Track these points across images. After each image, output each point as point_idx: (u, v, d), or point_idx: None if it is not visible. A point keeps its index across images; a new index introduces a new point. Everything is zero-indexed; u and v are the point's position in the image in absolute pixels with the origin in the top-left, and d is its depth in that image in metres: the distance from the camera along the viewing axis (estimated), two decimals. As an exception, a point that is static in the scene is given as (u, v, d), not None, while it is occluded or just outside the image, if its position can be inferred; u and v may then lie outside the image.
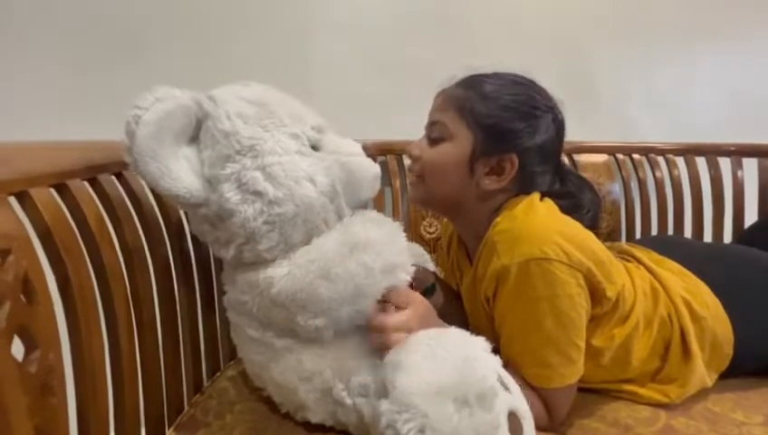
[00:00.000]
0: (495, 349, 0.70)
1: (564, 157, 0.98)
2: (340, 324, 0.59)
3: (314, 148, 0.63)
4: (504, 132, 0.67)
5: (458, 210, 0.73)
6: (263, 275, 0.59)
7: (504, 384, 0.50)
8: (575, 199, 0.72)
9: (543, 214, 0.66)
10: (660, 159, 1.30)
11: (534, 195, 0.69)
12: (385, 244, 0.61)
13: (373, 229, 0.62)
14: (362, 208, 0.69)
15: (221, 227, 0.60)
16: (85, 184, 0.57)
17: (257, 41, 1.21)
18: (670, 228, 1.28)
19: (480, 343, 0.54)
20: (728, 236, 1.28)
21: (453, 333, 0.55)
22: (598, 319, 0.65)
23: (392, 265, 0.60)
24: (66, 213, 0.53)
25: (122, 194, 0.63)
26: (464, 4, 1.28)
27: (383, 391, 0.49)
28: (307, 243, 0.61)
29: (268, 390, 0.67)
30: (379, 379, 0.52)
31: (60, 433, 0.46)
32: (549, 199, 0.69)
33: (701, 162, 1.30)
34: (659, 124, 1.39)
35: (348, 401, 0.59)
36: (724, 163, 1.30)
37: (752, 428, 0.65)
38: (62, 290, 0.50)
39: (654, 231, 1.28)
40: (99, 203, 0.59)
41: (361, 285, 0.58)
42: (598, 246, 0.64)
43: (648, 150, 1.30)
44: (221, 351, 0.83)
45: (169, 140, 0.56)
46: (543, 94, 0.70)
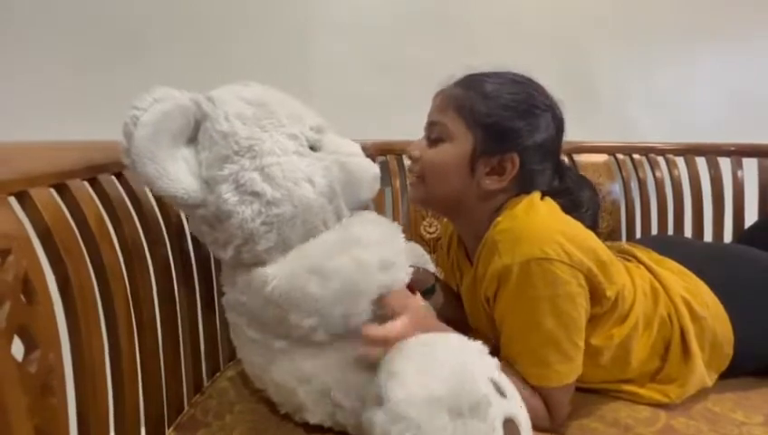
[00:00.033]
0: (495, 349, 0.70)
1: (564, 157, 0.98)
2: (334, 326, 0.59)
3: (313, 148, 0.63)
4: (505, 132, 0.67)
5: (459, 210, 0.73)
6: (257, 274, 0.59)
7: (501, 390, 0.49)
8: (574, 198, 0.72)
9: (544, 213, 0.66)
10: (660, 159, 1.30)
11: (535, 194, 0.68)
12: (382, 242, 0.61)
13: (371, 228, 0.62)
14: (362, 210, 0.69)
15: (219, 228, 0.60)
16: (85, 184, 0.57)
17: (257, 41, 1.21)
18: (670, 228, 1.28)
19: (476, 348, 0.53)
20: (728, 236, 1.28)
21: (448, 338, 0.55)
22: (597, 318, 0.65)
23: (389, 262, 0.60)
24: (66, 213, 0.53)
25: (122, 194, 0.63)
26: (464, 4, 1.28)
27: (377, 400, 0.49)
28: (305, 243, 0.61)
29: (268, 391, 0.67)
30: (373, 387, 0.52)
31: (60, 433, 0.46)
32: (549, 199, 0.69)
33: (701, 162, 1.30)
34: (659, 124, 1.39)
35: (346, 403, 0.59)
36: (725, 163, 1.30)
37: (752, 428, 0.65)
38: (62, 290, 0.50)
39: (654, 231, 1.28)
40: (99, 203, 0.59)
41: (355, 280, 0.57)
42: (599, 245, 0.64)
43: (648, 150, 1.30)
44: (221, 351, 0.83)
45: (167, 141, 0.55)
46: (542, 92, 0.70)
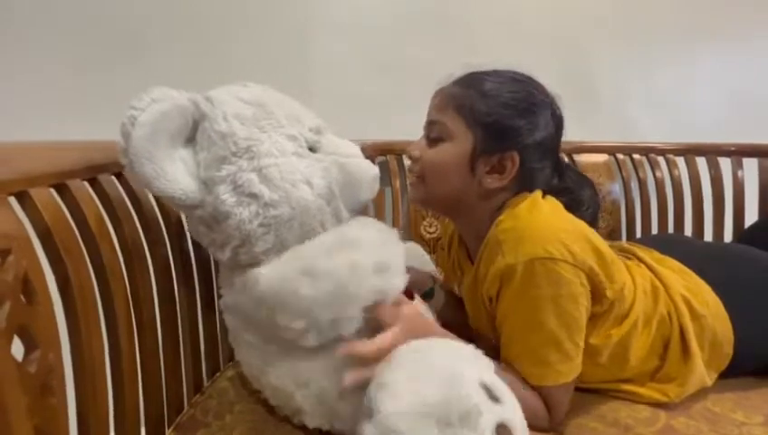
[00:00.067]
0: (495, 349, 0.70)
1: (564, 157, 0.98)
2: (324, 330, 0.57)
3: (312, 149, 0.62)
4: (505, 130, 0.67)
5: (460, 210, 0.73)
6: (251, 274, 0.59)
7: (494, 396, 0.48)
8: (575, 196, 0.72)
9: (547, 212, 0.66)
10: (660, 159, 1.30)
11: (537, 193, 0.68)
12: (379, 245, 0.60)
13: (368, 231, 0.61)
14: (362, 211, 0.68)
15: (217, 229, 0.59)
16: (85, 184, 0.57)
17: (257, 41, 1.21)
18: (670, 228, 1.28)
19: (469, 352, 0.53)
20: (728, 236, 1.28)
21: (440, 343, 0.55)
22: (596, 318, 0.65)
23: (385, 266, 0.59)
24: (66, 213, 0.53)
25: (122, 194, 0.63)
26: (464, 4, 1.28)
27: (368, 412, 0.49)
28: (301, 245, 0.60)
29: (265, 393, 0.66)
30: (365, 398, 0.52)
31: (60, 433, 0.46)
32: (551, 197, 0.69)
33: (701, 162, 1.30)
34: (659, 124, 1.38)
35: (344, 407, 0.58)
36: (725, 163, 1.29)
37: (752, 428, 0.65)
38: (62, 290, 0.50)
39: (654, 231, 1.28)
40: (99, 203, 0.58)
41: (346, 283, 0.56)
42: (601, 244, 0.64)
43: (649, 150, 1.30)
44: (221, 351, 0.83)
45: (165, 141, 0.55)
46: (542, 90, 0.70)
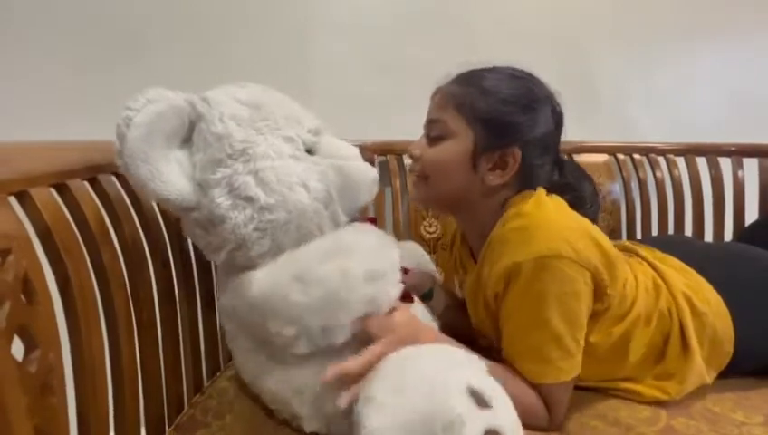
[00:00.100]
0: (496, 349, 0.70)
1: (564, 156, 0.97)
2: (315, 338, 0.56)
3: (310, 151, 0.62)
4: (506, 126, 0.67)
5: (462, 208, 0.73)
6: (244, 277, 0.58)
7: (484, 401, 0.48)
8: (578, 193, 0.72)
9: (553, 210, 0.66)
10: (661, 159, 1.30)
11: (540, 191, 0.68)
12: (373, 253, 0.60)
13: (363, 238, 0.61)
14: (362, 212, 0.68)
15: (212, 232, 0.59)
16: (85, 184, 0.57)
17: (257, 41, 1.21)
18: (671, 228, 1.28)
19: (458, 357, 0.53)
20: (729, 236, 1.28)
21: (429, 352, 0.54)
22: (597, 315, 0.65)
23: (377, 274, 0.58)
24: (66, 213, 0.53)
25: (122, 194, 0.63)
26: (464, 4, 1.28)
27: (356, 427, 0.49)
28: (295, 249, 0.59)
29: (263, 397, 0.66)
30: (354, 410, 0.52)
31: (60, 433, 0.46)
32: (556, 196, 0.69)
33: (701, 162, 1.30)
34: (659, 124, 1.38)
35: (340, 413, 0.57)
36: (725, 163, 1.29)
37: (752, 428, 0.65)
38: (62, 290, 0.50)
39: (654, 231, 1.28)
40: (99, 203, 0.59)
41: (337, 290, 0.55)
42: (606, 242, 0.65)
43: (649, 150, 1.30)
44: (221, 351, 0.83)
45: (161, 142, 0.54)
46: (541, 86, 0.70)
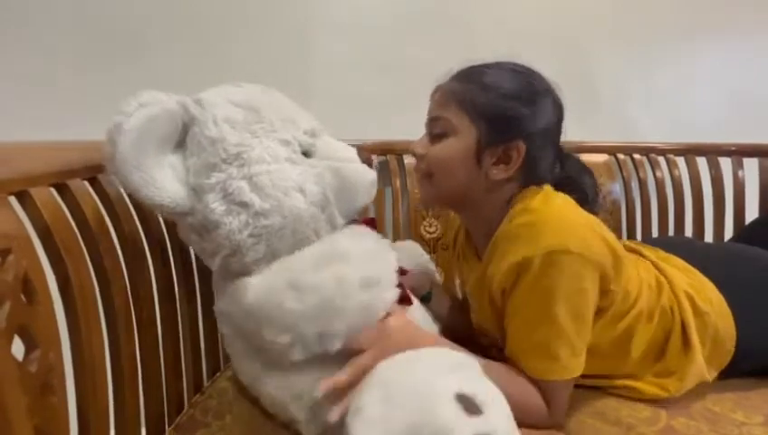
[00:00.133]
0: (498, 347, 0.70)
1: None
2: (311, 345, 0.56)
3: (307, 153, 0.61)
4: (508, 120, 0.67)
5: (467, 205, 0.73)
6: (239, 284, 0.57)
7: (474, 406, 0.47)
8: (577, 186, 0.72)
9: (562, 206, 0.66)
10: (661, 159, 1.30)
11: (548, 187, 0.69)
12: (368, 258, 0.59)
13: (359, 243, 0.60)
14: (362, 212, 0.67)
15: (207, 238, 0.58)
16: (85, 184, 0.58)
17: (257, 41, 1.21)
18: (671, 228, 1.28)
19: (453, 361, 0.53)
20: (729, 236, 1.27)
21: (420, 358, 0.54)
22: (601, 311, 0.66)
23: (373, 280, 0.58)
24: (66, 212, 0.53)
25: (122, 193, 0.63)
26: (464, 4, 1.28)
27: None
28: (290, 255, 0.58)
29: (262, 401, 0.65)
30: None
31: (60, 433, 0.46)
32: (562, 193, 0.69)
33: (702, 162, 1.30)
34: (659, 124, 1.38)
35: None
36: (725, 163, 1.29)
37: (752, 428, 0.65)
38: (63, 289, 0.50)
39: (654, 231, 1.28)
40: (99, 202, 0.59)
41: (332, 297, 0.54)
42: (613, 240, 0.65)
43: (649, 150, 1.30)
44: (221, 350, 0.83)
45: (153, 147, 0.53)
46: (541, 80, 0.71)
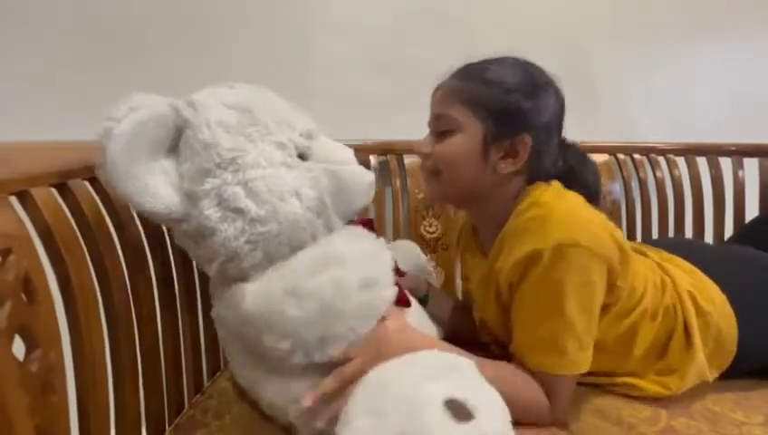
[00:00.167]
0: (500, 344, 0.70)
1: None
2: (311, 350, 0.56)
3: (303, 156, 0.59)
4: (513, 114, 0.67)
5: (475, 200, 0.73)
6: (236, 290, 0.57)
7: (467, 411, 0.47)
8: (580, 178, 0.72)
9: (572, 201, 0.67)
10: (661, 159, 1.30)
11: (555, 183, 0.69)
12: (364, 258, 0.59)
13: (353, 244, 0.60)
14: (362, 213, 0.67)
15: (203, 245, 0.56)
16: (85, 184, 0.58)
17: (257, 41, 1.21)
18: (671, 228, 1.28)
19: (446, 364, 0.53)
20: (729, 236, 1.28)
21: (411, 363, 0.54)
22: (607, 307, 0.66)
23: (371, 280, 0.58)
24: (67, 212, 0.53)
25: (122, 193, 0.63)
26: (464, 4, 1.28)
27: None
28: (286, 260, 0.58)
29: (261, 404, 0.65)
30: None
31: (61, 432, 0.46)
32: (570, 191, 0.70)
33: (702, 162, 1.30)
34: (660, 124, 1.39)
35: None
36: (725, 163, 1.29)
37: (752, 428, 0.65)
38: (63, 289, 0.50)
39: (655, 230, 1.28)
40: (99, 202, 0.59)
41: (332, 300, 0.54)
42: (621, 237, 0.65)
43: (649, 150, 1.30)
44: (222, 350, 0.83)
45: (144, 153, 0.52)
46: (541, 72, 0.71)
